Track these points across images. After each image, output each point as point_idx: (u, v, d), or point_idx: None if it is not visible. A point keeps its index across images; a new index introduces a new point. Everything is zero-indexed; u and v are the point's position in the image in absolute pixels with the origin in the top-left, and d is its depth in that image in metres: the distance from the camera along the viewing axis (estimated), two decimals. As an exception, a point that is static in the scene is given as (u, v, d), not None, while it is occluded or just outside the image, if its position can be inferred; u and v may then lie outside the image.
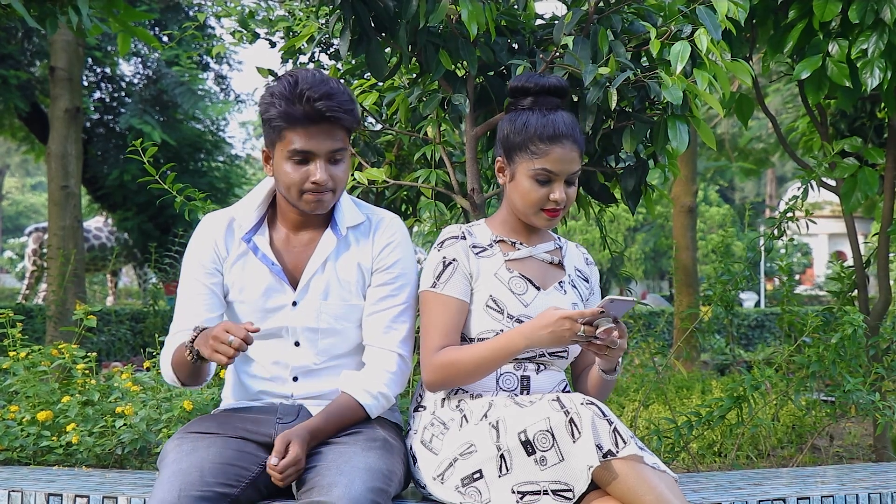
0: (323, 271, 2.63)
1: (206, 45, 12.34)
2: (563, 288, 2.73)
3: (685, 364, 8.37)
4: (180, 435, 2.54)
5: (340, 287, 2.64)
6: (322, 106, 2.48)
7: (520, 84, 2.70)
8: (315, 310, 2.63)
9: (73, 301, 7.98)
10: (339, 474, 2.31)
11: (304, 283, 2.62)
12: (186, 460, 2.39)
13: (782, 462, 4.29)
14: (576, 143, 2.63)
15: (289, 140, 2.52)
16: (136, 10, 6.82)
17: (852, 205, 4.47)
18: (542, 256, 2.75)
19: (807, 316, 4.48)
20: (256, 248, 2.64)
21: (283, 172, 2.55)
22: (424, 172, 3.69)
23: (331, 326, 2.64)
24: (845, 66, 4.09)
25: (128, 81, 14.71)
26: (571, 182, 2.66)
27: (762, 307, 20.12)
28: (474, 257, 2.68)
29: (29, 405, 3.58)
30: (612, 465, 2.30)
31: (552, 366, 2.70)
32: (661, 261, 29.85)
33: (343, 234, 2.65)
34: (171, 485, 2.31)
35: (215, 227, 2.68)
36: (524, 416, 2.40)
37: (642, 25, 3.34)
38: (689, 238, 10.61)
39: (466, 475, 2.45)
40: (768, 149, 16.84)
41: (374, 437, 2.53)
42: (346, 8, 3.29)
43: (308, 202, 2.57)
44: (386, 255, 2.67)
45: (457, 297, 2.63)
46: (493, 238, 2.73)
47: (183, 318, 2.62)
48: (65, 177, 9.28)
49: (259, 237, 2.65)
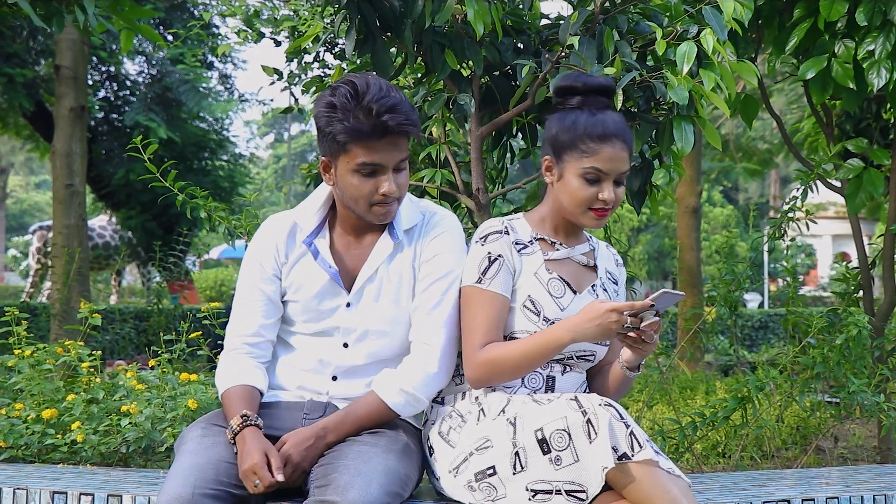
0: (377, 274, 2.63)
1: (211, 44, 12.36)
2: (595, 291, 2.72)
3: (689, 365, 8.38)
4: (204, 425, 2.54)
5: (392, 290, 2.64)
6: (390, 120, 2.44)
7: (567, 84, 2.68)
8: (367, 312, 2.63)
9: (78, 299, 7.97)
10: (357, 475, 2.30)
11: (358, 286, 2.63)
12: (205, 455, 2.39)
13: (787, 463, 4.28)
14: (625, 143, 2.62)
15: (355, 154, 2.48)
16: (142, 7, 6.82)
17: (857, 205, 4.46)
18: (578, 258, 2.73)
19: (811, 317, 4.47)
20: (317, 251, 2.64)
21: (350, 185, 2.53)
22: (429, 172, 3.69)
23: (381, 329, 2.64)
24: (850, 67, 4.09)
25: (132, 80, 14.72)
26: (620, 182, 2.64)
27: (766, 308, 20.10)
28: (516, 254, 2.65)
29: (34, 403, 3.58)
30: (627, 468, 2.29)
31: (577, 368, 2.69)
32: (664, 261, 29.83)
33: (400, 238, 2.64)
34: (185, 479, 2.31)
35: (278, 231, 2.69)
36: (542, 414, 2.39)
37: (648, 25, 3.34)
38: (693, 239, 10.62)
39: (480, 470, 2.44)
40: (772, 149, 16.83)
41: (396, 439, 2.52)
42: (351, 7, 3.29)
43: (377, 214, 2.57)
44: (430, 248, 2.65)
45: (501, 294, 2.60)
46: (532, 235, 2.71)
47: (240, 322, 2.67)
48: (69, 175, 9.28)
49: (320, 240, 2.66)
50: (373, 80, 2.49)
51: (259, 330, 2.65)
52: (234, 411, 2.49)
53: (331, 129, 2.49)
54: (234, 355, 2.65)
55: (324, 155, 2.57)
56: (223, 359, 2.66)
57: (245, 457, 2.37)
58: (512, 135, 3.84)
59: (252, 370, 2.62)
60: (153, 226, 14.09)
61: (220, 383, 2.62)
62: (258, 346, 2.66)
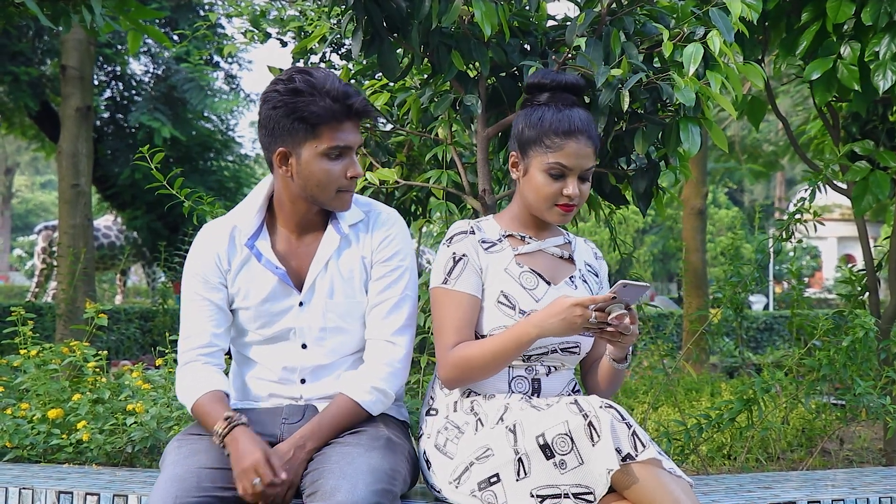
0: (326, 270, 2.62)
1: (218, 43, 12.36)
2: (574, 283, 2.72)
3: (694, 366, 8.36)
4: (180, 437, 2.54)
5: (345, 284, 2.62)
6: (356, 103, 2.49)
7: (536, 80, 2.71)
8: (322, 309, 2.61)
9: (83, 299, 7.99)
10: (342, 477, 2.30)
11: (309, 283, 2.61)
12: (183, 465, 2.38)
13: (792, 465, 4.28)
14: (591, 140, 2.63)
15: (324, 137, 2.49)
16: (148, 8, 6.83)
17: (863, 208, 4.46)
18: (551, 250, 2.74)
19: (817, 319, 4.47)
20: (260, 253, 2.61)
21: (317, 171, 2.52)
22: (435, 173, 3.69)
23: (337, 325, 2.63)
24: (855, 69, 4.08)
25: (138, 80, 14.74)
26: (585, 178, 2.65)
27: (771, 310, 20.09)
28: (483, 252, 2.66)
29: (39, 403, 3.59)
30: (631, 469, 2.29)
31: (563, 366, 2.69)
32: (669, 263, 29.81)
33: (345, 233, 2.63)
34: (166, 491, 2.31)
35: (217, 238, 2.65)
36: (541, 419, 2.38)
37: (655, 27, 3.34)
38: (698, 240, 10.61)
39: (483, 479, 2.43)
40: (778, 151, 16.81)
41: (377, 435, 2.51)
42: (358, 8, 3.29)
43: (343, 200, 2.57)
44: (384, 248, 2.65)
45: (468, 293, 2.62)
46: (501, 233, 2.72)
47: (191, 335, 2.63)
48: (75, 175, 9.30)
49: (261, 241, 2.62)
50: (320, 69, 2.54)
51: (212, 340, 2.61)
52: (215, 416, 2.46)
53: (297, 114, 2.47)
54: (193, 367, 2.61)
55: (281, 146, 2.52)
56: (181, 373, 2.62)
57: (243, 455, 2.35)
58: (518, 136, 3.83)
59: (215, 376, 2.58)
60: (158, 226, 14.10)
61: (187, 397, 2.58)
62: (213, 355, 2.62)
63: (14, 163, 41.10)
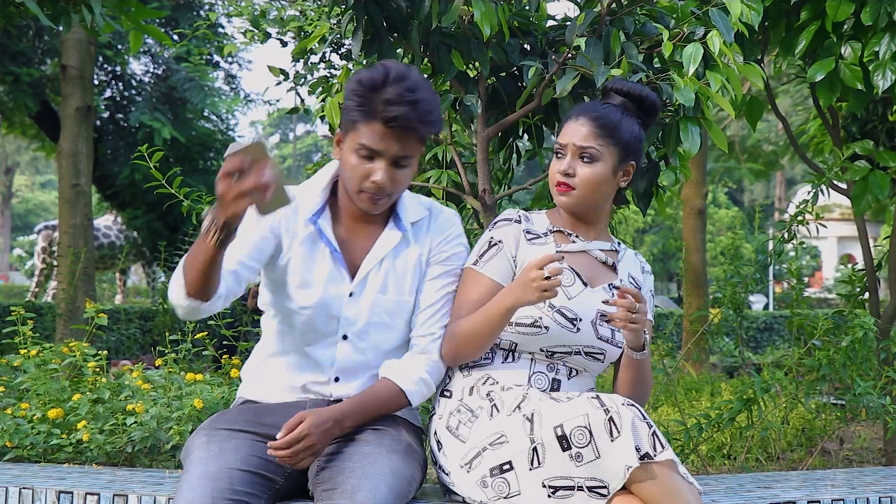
0: (381, 265, 2.60)
1: (218, 43, 12.37)
2: (613, 291, 2.69)
3: (694, 366, 8.36)
4: (207, 431, 2.49)
5: (398, 281, 2.62)
6: (400, 113, 2.41)
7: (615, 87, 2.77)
8: (371, 303, 2.59)
9: (83, 299, 7.99)
10: (364, 478, 2.29)
11: (361, 275, 2.58)
12: (215, 463, 2.35)
13: (792, 465, 4.28)
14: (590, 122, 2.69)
15: (360, 133, 2.46)
16: (148, 7, 6.83)
17: (863, 208, 4.46)
18: (596, 253, 2.73)
19: (817, 319, 4.47)
20: (321, 231, 2.58)
21: (348, 163, 2.51)
22: (435, 173, 3.70)
23: (383, 321, 2.61)
24: (858, 69, 4.08)
25: (138, 79, 14.74)
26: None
27: (771, 310, 20.09)
28: (526, 243, 2.68)
29: (39, 403, 3.59)
30: (649, 468, 2.28)
31: (585, 371, 2.68)
32: (669, 263, 29.81)
33: (405, 230, 2.62)
34: (202, 488, 2.27)
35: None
36: (561, 410, 2.37)
37: (655, 27, 3.34)
38: (698, 240, 10.61)
39: (495, 466, 2.43)
40: (777, 151, 16.82)
41: (399, 439, 2.51)
42: (358, 8, 3.29)
43: (363, 200, 2.53)
44: (443, 249, 2.66)
45: (492, 279, 2.64)
46: (549, 227, 2.74)
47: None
48: (76, 175, 9.30)
49: (323, 221, 2.59)
50: (413, 73, 2.46)
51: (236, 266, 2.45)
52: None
53: (348, 102, 2.48)
54: None
55: (340, 128, 2.56)
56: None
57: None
58: (518, 136, 3.84)
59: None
60: (158, 225, 14.09)
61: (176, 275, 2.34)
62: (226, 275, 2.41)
63: (14, 162, 41.10)
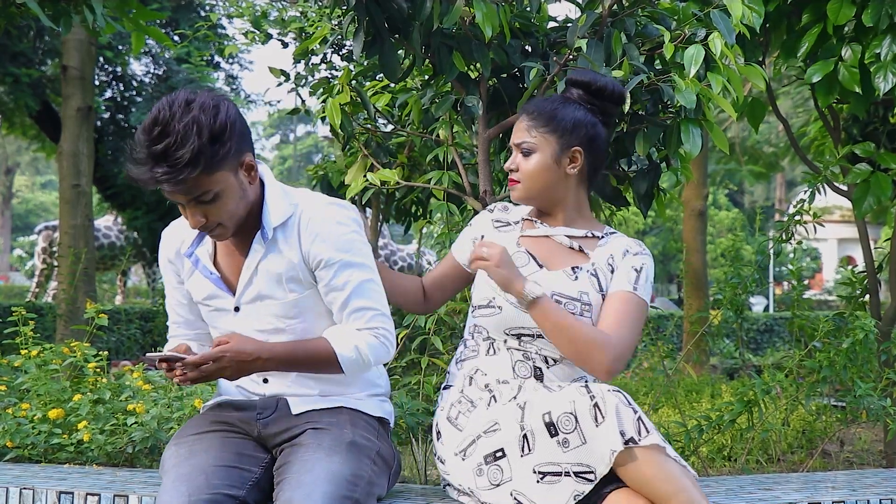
0: (256, 274, 2.58)
1: (219, 44, 12.38)
2: (577, 274, 2.70)
3: (695, 368, 8.36)
4: (175, 441, 2.54)
5: (275, 287, 2.57)
6: (147, 177, 2.35)
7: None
8: (255, 312, 2.59)
9: (83, 300, 7.99)
10: (298, 487, 2.28)
11: (240, 288, 2.59)
12: (187, 464, 2.38)
13: (792, 467, 4.28)
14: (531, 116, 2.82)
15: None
16: (149, 9, 6.83)
17: (864, 210, 4.46)
18: (560, 239, 2.76)
19: (817, 320, 4.47)
20: (198, 260, 2.63)
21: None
22: (436, 174, 3.70)
23: (274, 326, 2.59)
24: (856, 71, 4.08)
25: (139, 80, 14.74)
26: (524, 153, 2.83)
27: (771, 312, 20.10)
28: (493, 230, 2.83)
29: (40, 403, 3.59)
30: (633, 452, 2.30)
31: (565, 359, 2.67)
32: (669, 264, 29.82)
33: (270, 237, 2.56)
34: (177, 490, 2.29)
35: (168, 246, 2.69)
36: (550, 399, 2.42)
37: (656, 29, 3.34)
38: (699, 241, 10.61)
39: (489, 453, 2.47)
40: (778, 153, 16.83)
41: (340, 439, 2.47)
42: (359, 9, 3.29)
43: (212, 237, 2.57)
44: (315, 253, 2.55)
45: (451, 252, 2.92)
46: (522, 217, 2.84)
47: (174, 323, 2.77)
48: (76, 175, 9.31)
49: (201, 248, 2.63)
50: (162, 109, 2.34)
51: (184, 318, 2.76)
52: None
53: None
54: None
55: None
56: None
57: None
58: (519, 137, 3.83)
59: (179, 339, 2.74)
60: (159, 226, 14.08)
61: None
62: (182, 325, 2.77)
63: (14, 163, 41.11)
